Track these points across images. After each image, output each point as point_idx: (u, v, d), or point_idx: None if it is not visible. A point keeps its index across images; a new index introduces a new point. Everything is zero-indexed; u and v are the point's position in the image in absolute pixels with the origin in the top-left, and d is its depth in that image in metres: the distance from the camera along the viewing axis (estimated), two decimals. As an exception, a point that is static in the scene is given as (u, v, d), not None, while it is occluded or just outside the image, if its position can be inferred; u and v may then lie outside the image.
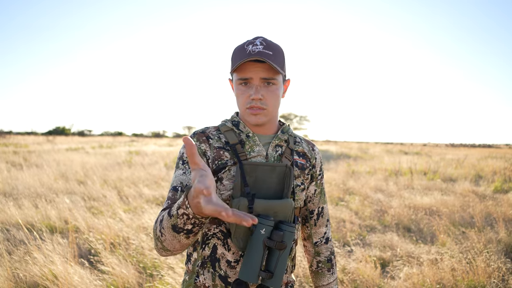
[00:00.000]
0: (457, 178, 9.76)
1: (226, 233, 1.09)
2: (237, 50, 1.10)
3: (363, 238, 4.57)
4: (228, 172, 1.09)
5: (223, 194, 1.08)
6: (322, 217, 1.27)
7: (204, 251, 1.10)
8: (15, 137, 35.70)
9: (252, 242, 1.00)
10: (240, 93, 1.10)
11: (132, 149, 19.49)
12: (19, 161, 10.96)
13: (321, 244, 1.28)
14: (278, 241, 0.99)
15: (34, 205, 5.33)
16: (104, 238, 3.86)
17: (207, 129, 1.16)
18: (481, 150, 32.04)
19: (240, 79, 1.09)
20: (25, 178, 7.49)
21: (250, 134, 1.13)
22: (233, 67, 1.09)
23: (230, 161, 1.09)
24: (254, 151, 1.11)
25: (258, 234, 1.00)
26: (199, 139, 1.12)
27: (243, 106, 1.10)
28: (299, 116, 56.11)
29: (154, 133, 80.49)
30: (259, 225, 1.00)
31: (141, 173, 9.03)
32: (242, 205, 1.01)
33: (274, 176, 1.09)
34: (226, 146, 1.12)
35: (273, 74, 1.09)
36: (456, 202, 6.39)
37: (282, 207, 1.06)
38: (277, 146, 1.15)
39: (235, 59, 1.10)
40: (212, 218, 1.10)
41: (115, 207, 5.39)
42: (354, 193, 7.45)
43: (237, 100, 1.12)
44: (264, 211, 1.04)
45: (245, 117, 1.13)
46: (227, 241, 1.08)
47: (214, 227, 1.10)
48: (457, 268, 3.30)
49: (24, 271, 2.96)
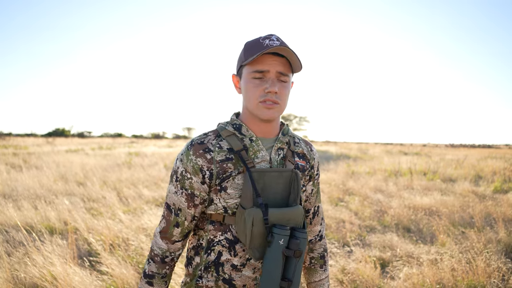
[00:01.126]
0: (457, 178, 9.76)
1: (233, 240, 1.07)
2: (252, 44, 1.07)
3: (363, 238, 4.57)
4: (232, 180, 1.06)
5: (228, 203, 1.06)
6: (318, 216, 1.27)
7: (209, 257, 1.08)
8: (15, 138, 35.69)
9: (272, 253, 1.00)
10: (254, 86, 1.05)
11: (131, 150, 19.49)
12: (19, 162, 10.96)
13: (315, 242, 1.28)
14: (296, 250, 1.00)
15: (33, 206, 5.33)
16: (103, 239, 3.85)
17: (205, 137, 1.10)
18: (481, 151, 32.05)
19: (256, 71, 1.05)
20: (24, 179, 7.48)
21: (254, 138, 1.10)
22: (247, 59, 1.06)
23: (235, 170, 1.06)
24: (258, 157, 1.08)
25: (277, 245, 0.99)
26: (195, 153, 1.06)
27: (256, 100, 1.05)
28: (298, 117, 56.17)
29: (154, 135, 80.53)
30: (277, 236, 0.99)
31: (141, 174, 9.03)
32: (256, 216, 1.00)
33: (281, 182, 1.07)
34: (230, 154, 1.07)
35: (288, 70, 1.07)
36: (455, 202, 6.39)
37: (294, 214, 1.05)
38: (279, 150, 1.13)
39: (250, 52, 1.06)
40: (217, 225, 1.08)
41: (114, 208, 5.39)
42: (353, 194, 7.45)
43: (248, 93, 1.07)
44: (278, 221, 1.03)
45: (256, 112, 1.07)
46: (233, 247, 1.07)
47: (220, 234, 1.08)
48: (457, 268, 3.30)
49: (23, 272, 2.96)
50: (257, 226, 1.00)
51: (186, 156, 1.07)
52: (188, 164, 1.06)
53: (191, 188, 1.07)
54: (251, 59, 1.02)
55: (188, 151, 1.07)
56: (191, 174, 1.06)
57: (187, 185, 1.07)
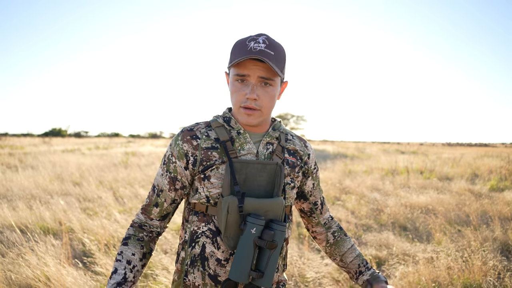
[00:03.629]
0: (453, 176, 9.78)
1: (215, 231, 1.07)
2: (238, 45, 1.07)
3: (359, 237, 4.57)
4: (216, 170, 1.07)
5: (211, 192, 1.07)
6: (325, 205, 1.33)
7: (194, 250, 1.08)
8: (11, 139, 35.48)
9: (243, 241, 0.99)
10: (235, 89, 1.07)
11: (128, 150, 19.43)
12: (14, 162, 10.89)
13: (329, 222, 1.33)
14: (268, 241, 0.99)
15: (28, 206, 5.29)
16: (98, 239, 3.83)
17: (196, 125, 1.14)
18: (478, 149, 32.17)
19: (237, 75, 1.05)
20: (20, 179, 7.44)
21: (241, 131, 1.10)
22: (231, 62, 1.06)
23: (219, 160, 1.07)
24: (244, 149, 1.09)
25: (249, 233, 0.99)
26: (183, 138, 1.11)
27: (237, 104, 1.07)
28: (296, 116, 56.10)
29: (151, 134, 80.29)
30: (250, 225, 0.99)
31: (137, 173, 9.00)
32: (232, 204, 1.00)
33: (265, 175, 1.08)
34: (216, 143, 1.09)
35: (272, 74, 1.05)
36: (452, 200, 6.40)
37: (273, 206, 1.05)
38: (268, 144, 1.13)
39: (234, 54, 1.06)
40: (200, 216, 1.09)
41: (110, 208, 5.37)
42: (350, 193, 7.45)
43: (232, 96, 1.09)
44: (255, 210, 1.03)
45: (237, 116, 1.10)
46: (216, 240, 1.06)
47: (203, 225, 1.08)
48: (453, 266, 3.30)
49: (16, 273, 2.93)
50: (232, 214, 1.01)
51: (174, 141, 1.12)
52: (175, 148, 1.11)
53: (174, 172, 1.11)
54: (233, 63, 1.03)
55: (177, 137, 1.12)
56: (176, 158, 1.11)
57: (171, 169, 1.12)
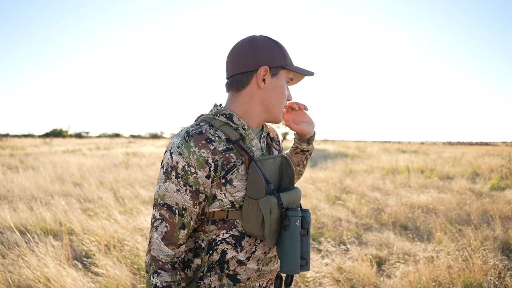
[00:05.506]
0: (454, 176, 9.77)
1: (239, 236, 1.04)
2: (284, 48, 1.11)
3: (359, 236, 4.56)
4: (237, 172, 1.02)
5: (236, 196, 1.02)
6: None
7: (212, 257, 1.04)
8: (12, 139, 35.59)
9: (290, 235, 1.03)
10: (283, 92, 1.11)
11: (129, 150, 19.45)
12: (15, 163, 10.91)
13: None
14: (308, 228, 1.06)
15: (29, 207, 5.30)
16: (98, 240, 3.83)
17: (201, 127, 1.02)
18: (478, 148, 32.12)
19: (290, 78, 1.14)
20: (20, 180, 7.45)
21: (246, 127, 1.07)
22: (290, 65, 1.11)
23: (238, 161, 1.03)
24: (254, 146, 1.08)
25: (294, 227, 1.04)
26: (198, 144, 0.98)
27: (281, 105, 1.12)
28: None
29: (151, 134, 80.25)
30: (293, 218, 1.04)
31: (138, 174, 9.00)
32: (273, 203, 1.02)
33: (275, 168, 1.11)
34: (228, 144, 1.02)
35: None
36: (452, 199, 6.39)
37: (298, 196, 1.12)
38: (263, 137, 1.15)
39: (289, 59, 1.12)
40: (220, 223, 1.03)
41: (110, 208, 5.37)
42: (351, 192, 7.44)
43: (275, 96, 1.09)
44: (287, 204, 1.07)
45: (277, 115, 1.12)
46: (240, 243, 1.04)
47: (224, 232, 1.03)
48: (453, 265, 3.29)
49: (17, 274, 2.93)
50: (274, 213, 1.02)
51: (186, 148, 0.97)
52: (191, 157, 0.96)
53: (195, 184, 0.98)
54: (300, 71, 1.11)
55: (187, 143, 0.97)
56: (196, 168, 0.97)
57: (191, 181, 0.97)
